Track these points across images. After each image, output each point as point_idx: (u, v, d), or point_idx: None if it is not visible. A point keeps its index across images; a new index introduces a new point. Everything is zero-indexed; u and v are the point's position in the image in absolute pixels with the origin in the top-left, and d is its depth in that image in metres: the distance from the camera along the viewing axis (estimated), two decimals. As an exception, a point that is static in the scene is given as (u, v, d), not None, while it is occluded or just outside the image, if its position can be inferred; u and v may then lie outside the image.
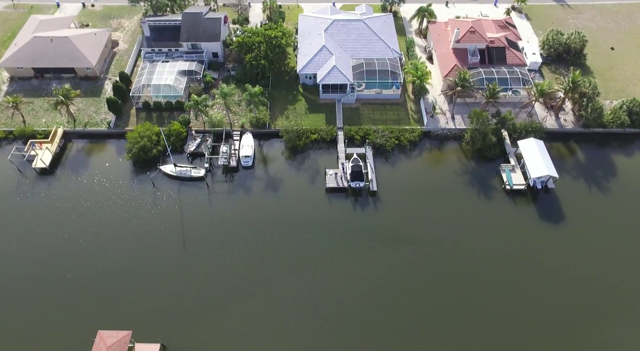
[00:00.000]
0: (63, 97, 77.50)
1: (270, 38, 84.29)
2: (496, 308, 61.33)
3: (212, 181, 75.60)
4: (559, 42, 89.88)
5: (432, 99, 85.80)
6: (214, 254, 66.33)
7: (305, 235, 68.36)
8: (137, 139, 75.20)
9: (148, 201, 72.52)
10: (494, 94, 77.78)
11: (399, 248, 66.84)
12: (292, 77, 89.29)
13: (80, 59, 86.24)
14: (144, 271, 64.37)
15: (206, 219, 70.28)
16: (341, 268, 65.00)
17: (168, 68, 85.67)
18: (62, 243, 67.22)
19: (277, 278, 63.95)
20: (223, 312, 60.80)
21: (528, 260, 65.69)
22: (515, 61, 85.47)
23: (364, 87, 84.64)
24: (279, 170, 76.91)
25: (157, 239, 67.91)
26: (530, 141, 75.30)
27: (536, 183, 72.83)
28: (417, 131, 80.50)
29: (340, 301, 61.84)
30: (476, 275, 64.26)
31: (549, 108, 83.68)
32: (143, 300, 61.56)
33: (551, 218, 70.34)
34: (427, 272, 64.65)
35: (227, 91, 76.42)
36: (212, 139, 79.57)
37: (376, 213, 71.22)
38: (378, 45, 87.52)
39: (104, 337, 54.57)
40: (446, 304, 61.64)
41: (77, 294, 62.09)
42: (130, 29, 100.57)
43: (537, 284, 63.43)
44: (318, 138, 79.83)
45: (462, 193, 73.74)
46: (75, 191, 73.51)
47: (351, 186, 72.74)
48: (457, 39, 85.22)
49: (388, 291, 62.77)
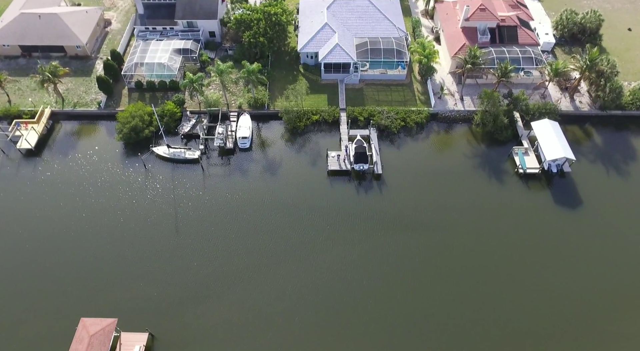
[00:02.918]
0: (50, 75, 73.20)
1: (270, 15, 79.96)
2: (510, 297, 57.04)
3: (207, 163, 71.45)
4: (573, 22, 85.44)
5: (439, 79, 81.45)
6: (208, 240, 62.15)
7: (305, 220, 64.17)
8: (128, 119, 71.13)
9: (139, 184, 68.33)
10: (506, 74, 73.42)
11: (406, 235, 62.64)
12: (293, 57, 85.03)
13: (69, 36, 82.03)
14: (133, 257, 60.20)
15: (200, 203, 66.14)
16: (343, 255, 60.77)
17: (162, 46, 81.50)
18: (46, 227, 63.03)
19: (275, 266, 59.73)
20: (216, 301, 56.59)
21: (543, 247, 61.42)
22: (527, 41, 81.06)
23: (368, 67, 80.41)
24: (278, 152, 72.69)
25: (148, 223, 63.76)
26: (544, 122, 70.99)
27: (551, 166, 68.56)
28: (424, 113, 76.16)
29: (342, 291, 57.58)
30: (488, 263, 60.01)
31: (563, 89, 79.28)
32: (131, 287, 57.42)
33: (567, 203, 66.04)
34: (435, 260, 60.42)
35: (224, 68, 72.13)
36: (208, 120, 75.42)
37: (381, 197, 66.97)
38: (383, 24, 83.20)
39: (87, 325, 50.36)
40: (456, 293, 57.40)
41: (60, 280, 57.88)
42: (124, 9, 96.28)
43: (553, 272, 59.14)
44: (319, 119, 75.68)
45: (472, 177, 69.45)
46: (62, 173, 69.35)
47: (355, 168, 68.54)
48: (467, 17, 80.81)
49: (394, 280, 58.49)
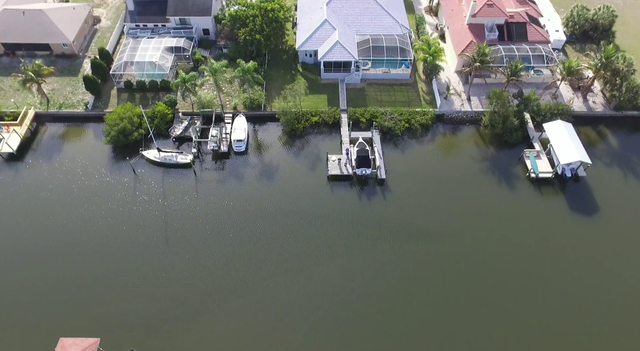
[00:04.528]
0: (33, 74, 69.04)
1: (267, 11, 75.88)
2: (521, 308, 53.05)
3: (200, 168, 67.36)
4: (584, 18, 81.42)
5: (445, 79, 77.44)
6: (200, 250, 58.04)
7: (304, 229, 60.12)
8: (116, 121, 67.07)
9: (127, 191, 64.17)
10: (516, 72, 69.46)
11: (412, 244, 58.61)
12: (291, 56, 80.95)
13: (55, 34, 77.89)
14: (119, 270, 56.02)
15: (192, 210, 62.03)
16: (346, 267, 56.69)
17: (153, 44, 77.27)
18: (25, 237, 58.83)
19: (272, 277, 55.65)
20: (209, 317, 52.43)
21: (557, 256, 57.45)
22: (537, 38, 77.09)
23: (369, 65, 76.42)
24: (275, 156, 68.61)
25: (135, 233, 59.64)
26: (557, 123, 66.98)
27: (565, 170, 64.62)
28: (430, 114, 72.13)
29: (343, 303, 53.53)
30: (498, 273, 56.05)
31: (575, 89, 75.31)
32: (116, 303, 53.20)
33: (583, 209, 62.06)
34: (442, 270, 56.42)
35: (217, 67, 68.08)
36: (201, 122, 71.30)
37: (384, 204, 62.93)
38: (386, 20, 79.13)
39: (66, 346, 46.17)
40: (464, 305, 53.40)
41: (39, 296, 53.71)
42: (115, 5, 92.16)
43: (569, 283, 55.15)
44: (319, 121, 71.63)
45: (481, 182, 65.46)
46: (45, 179, 65.17)
47: (357, 173, 64.51)
48: (474, 13, 76.81)
49: (398, 292, 54.46)
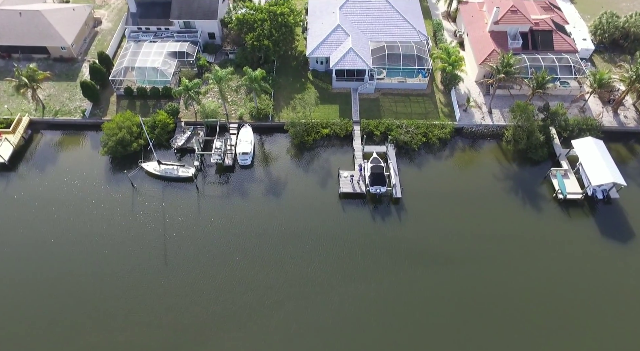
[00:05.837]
0: (27, 79, 65.09)
1: (276, 15, 71.55)
2: (552, 340, 48.40)
3: (202, 182, 63.18)
4: (615, 26, 76.63)
5: (464, 90, 72.89)
6: (202, 271, 53.82)
7: (313, 251, 55.76)
8: (114, 131, 62.99)
9: (125, 206, 60.06)
10: (543, 84, 64.82)
11: (430, 269, 54.14)
12: (301, 63, 76.64)
13: (53, 36, 73.97)
14: (113, 293, 51.89)
15: (194, 228, 57.83)
16: (358, 293, 52.26)
17: (156, 49, 73.19)
18: (13, 254, 54.83)
19: (279, 304, 51.29)
20: (211, 346, 48.15)
21: (588, 285, 52.85)
22: (564, 47, 72.37)
23: (384, 74, 71.98)
24: (283, 170, 64.28)
25: (132, 251, 55.47)
26: (587, 140, 62.26)
27: (596, 191, 59.91)
28: (449, 127, 67.59)
29: (357, 336, 49.07)
30: (523, 301, 51.49)
31: (605, 103, 70.55)
32: (109, 330, 49.05)
33: (616, 235, 57.32)
34: (462, 297, 51.93)
35: (222, 75, 63.75)
36: (205, 133, 67.12)
37: (400, 225, 58.45)
38: (402, 27, 74.58)
39: (51, 383, 42.14)
40: (489, 336, 48.79)
41: (25, 321, 49.63)
42: (117, 7, 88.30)
43: (600, 314, 50.56)
44: (330, 133, 67.27)
45: (504, 202, 60.86)
46: (39, 192, 61.14)
47: (370, 191, 60.06)
48: (496, 20, 72.25)
49: (414, 320, 49.98)
